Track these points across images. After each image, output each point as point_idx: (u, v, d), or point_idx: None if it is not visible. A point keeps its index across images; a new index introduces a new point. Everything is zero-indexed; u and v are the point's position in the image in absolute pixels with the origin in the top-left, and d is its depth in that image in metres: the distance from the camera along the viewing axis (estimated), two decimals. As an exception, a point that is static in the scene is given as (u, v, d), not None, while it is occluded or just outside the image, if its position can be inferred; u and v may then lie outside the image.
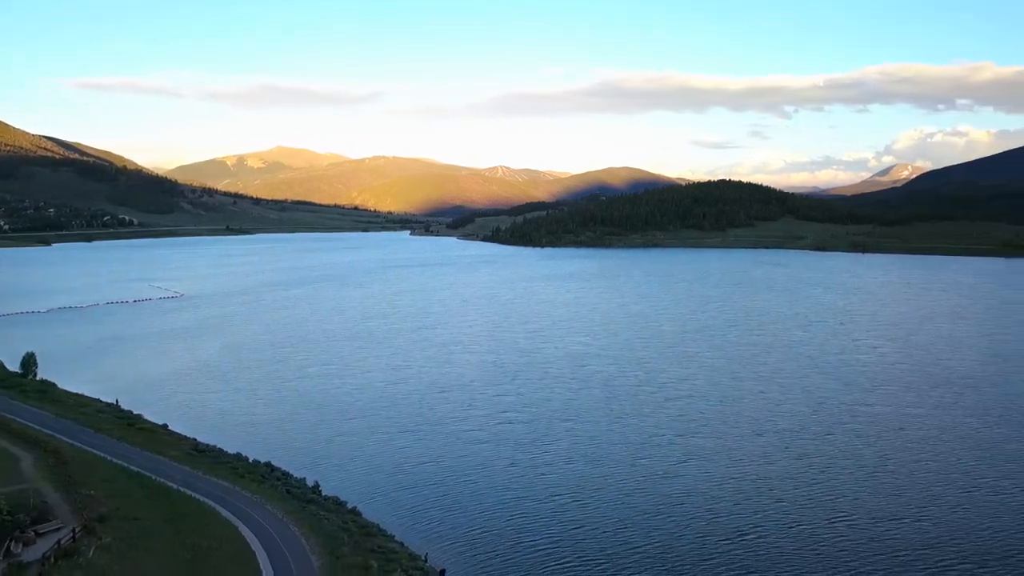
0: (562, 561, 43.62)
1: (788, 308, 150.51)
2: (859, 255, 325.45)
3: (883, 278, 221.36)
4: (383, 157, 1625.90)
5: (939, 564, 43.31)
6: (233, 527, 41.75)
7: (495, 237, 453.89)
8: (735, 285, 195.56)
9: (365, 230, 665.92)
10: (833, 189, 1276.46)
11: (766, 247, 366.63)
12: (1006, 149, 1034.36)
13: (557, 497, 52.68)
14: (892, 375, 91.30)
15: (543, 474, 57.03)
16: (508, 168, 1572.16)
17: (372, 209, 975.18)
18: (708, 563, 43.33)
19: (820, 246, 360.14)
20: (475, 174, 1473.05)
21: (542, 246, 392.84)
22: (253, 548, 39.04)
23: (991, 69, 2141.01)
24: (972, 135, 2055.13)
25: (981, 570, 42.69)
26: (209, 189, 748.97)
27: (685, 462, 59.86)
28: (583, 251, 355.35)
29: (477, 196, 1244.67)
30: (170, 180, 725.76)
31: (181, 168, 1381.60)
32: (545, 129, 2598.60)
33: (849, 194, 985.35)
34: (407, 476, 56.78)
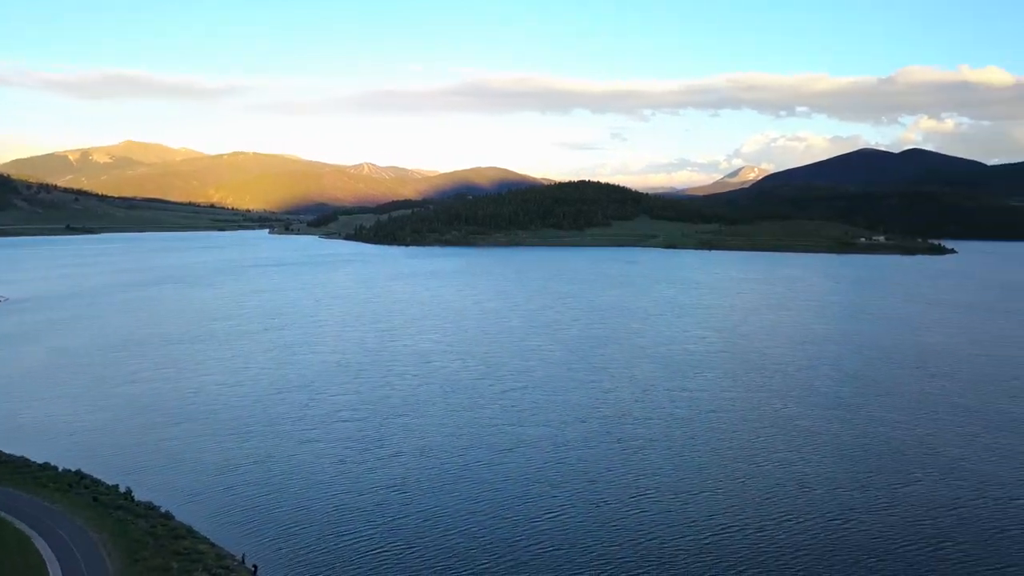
0: (381, 553, 44.69)
1: (632, 303, 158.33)
2: (707, 252, 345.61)
3: (724, 273, 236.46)
4: (243, 153, 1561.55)
5: (725, 529, 47.80)
6: (26, 539, 40.14)
7: (358, 236, 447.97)
8: (586, 282, 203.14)
9: (221, 229, 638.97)
10: (688, 189, 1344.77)
11: (622, 245, 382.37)
12: (839, 153, 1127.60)
13: (382, 491, 53.75)
14: (714, 362, 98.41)
15: (370, 469, 57.92)
16: (374, 166, 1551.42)
17: (231, 207, 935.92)
18: (521, 545, 45.74)
19: (672, 244, 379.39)
20: (340, 171, 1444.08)
21: (407, 245, 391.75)
22: (45, 558, 37.79)
23: (827, 80, 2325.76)
24: (810, 140, 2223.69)
25: (762, 533, 47.46)
26: (47, 185, 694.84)
27: (511, 450, 62.46)
28: (448, 250, 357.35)
29: (342, 194, 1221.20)
30: (2, 175, 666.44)
31: (15, 163, 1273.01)
32: (412, 127, 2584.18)
33: (702, 194, 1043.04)
34: (232, 478, 56.09)
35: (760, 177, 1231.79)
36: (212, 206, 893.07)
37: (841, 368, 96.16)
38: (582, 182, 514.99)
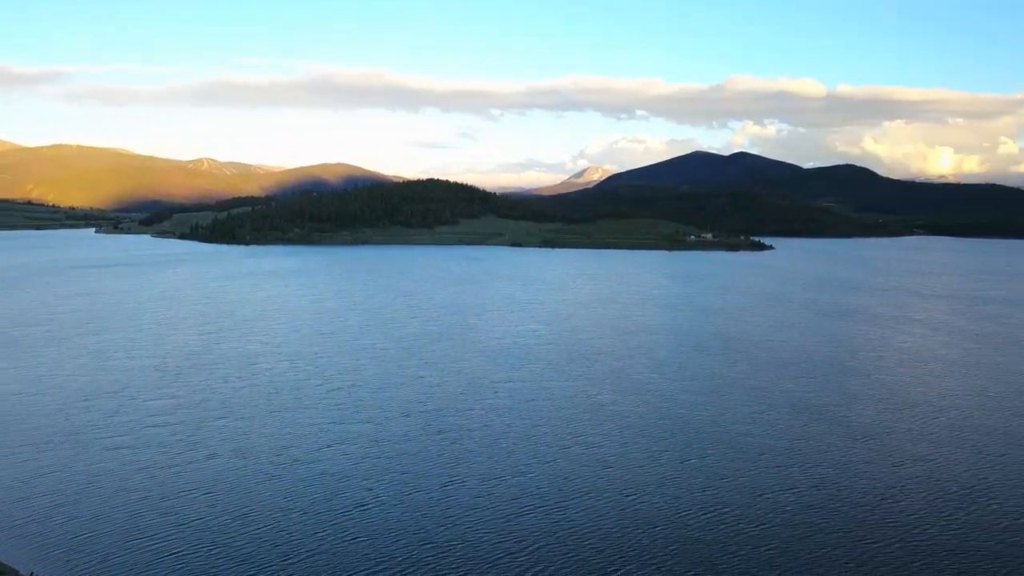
0: (183, 555, 44.19)
1: (471, 299, 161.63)
2: (549, 250, 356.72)
3: (561, 270, 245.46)
4: (65, 145, 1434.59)
5: (528, 508, 50.95)
6: None
7: (194, 234, 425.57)
8: (429, 280, 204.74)
9: (39, 228, 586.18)
10: (536, 189, 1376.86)
11: (469, 243, 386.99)
12: (676, 155, 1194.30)
13: (191, 493, 52.84)
14: (540, 354, 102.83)
15: (179, 473, 56.65)
16: (214, 161, 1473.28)
17: (52, 204, 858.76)
18: (329, 538, 46.68)
19: (517, 242, 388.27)
20: (177, 167, 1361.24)
21: (247, 243, 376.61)
22: None
23: (663, 85, 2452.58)
24: (649, 142, 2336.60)
25: (561, 512, 50.98)
26: None
27: (329, 447, 63.00)
28: (290, 248, 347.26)
29: (181, 191, 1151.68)
30: None
31: None
32: (255, 121, 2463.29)
33: (550, 194, 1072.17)
34: (23, 491, 53.09)
35: (604, 177, 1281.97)
36: (29, 203, 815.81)
37: (655, 356, 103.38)
38: (430, 180, 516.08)
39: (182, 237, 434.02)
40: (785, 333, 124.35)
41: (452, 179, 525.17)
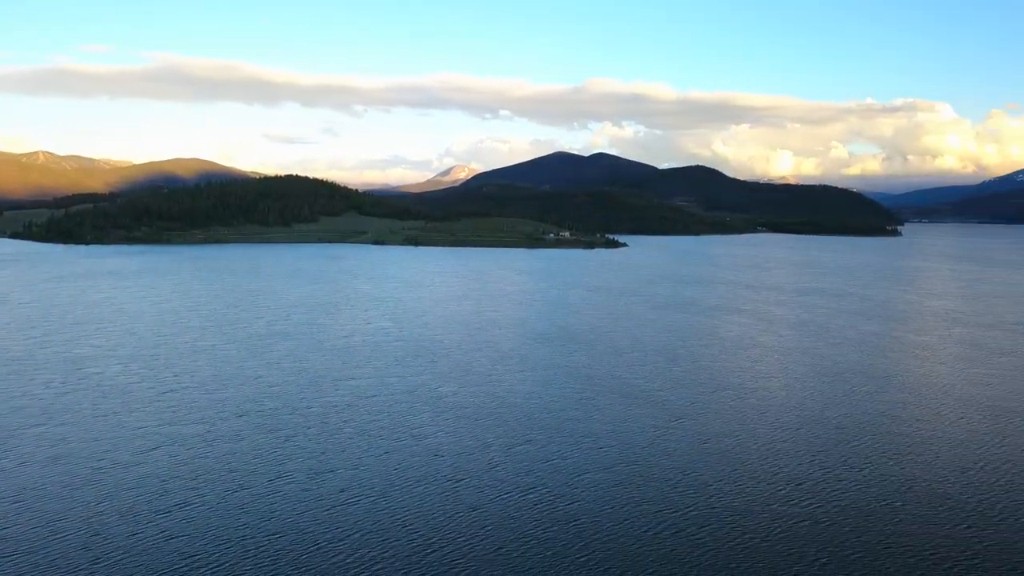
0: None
1: (325, 298, 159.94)
2: (412, 248, 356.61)
3: (421, 268, 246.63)
4: None
5: (355, 498, 52.36)
6: None
7: (28, 233, 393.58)
8: (283, 278, 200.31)
9: None
10: (403, 187, 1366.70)
11: (330, 242, 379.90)
12: (539, 155, 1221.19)
13: (-3, 503, 50.61)
14: (388, 350, 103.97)
15: (-15, 482, 53.98)
16: (52, 154, 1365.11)
17: None
18: (148, 538, 46.17)
19: (380, 240, 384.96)
20: (10, 160, 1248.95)
21: (87, 243, 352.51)
22: None
23: (526, 86, 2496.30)
24: (514, 142, 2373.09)
25: (385, 499, 52.74)
26: None
27: (154, 450, 61.69)
28: (136, 248, 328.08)
29: (14, 186, 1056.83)
30: None
31: None
32: (97, 112, 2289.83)
33: (417, 191, 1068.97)
34: None
35: (470, 176, 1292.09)
36: None
37: (500, 349, 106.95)
38: (289, 176, 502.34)
39: (14, 236, 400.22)
40: (624, 324, 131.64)
41: (315, 176, 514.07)
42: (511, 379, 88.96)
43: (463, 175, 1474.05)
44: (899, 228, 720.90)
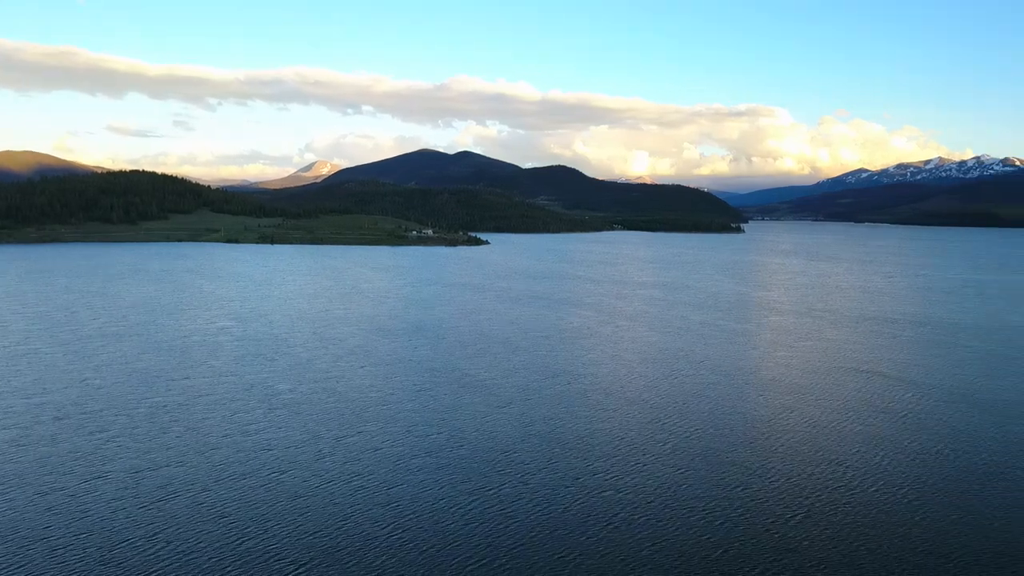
0: None
1: (167, 298, 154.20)
2: (268, 246, 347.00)
3: (274, 266, 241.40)
4: None
5: (172, 494, 52.57)
6: None
7: None
8: (124, 278, 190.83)
9: None
10: (262, 183, 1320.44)
11: (180, 240, 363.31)
12: (404, 152, 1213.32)
13: None
14: (229, 350, 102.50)
15: None
16: None
17: None
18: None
19: (233, 238, 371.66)
20: None
21: None
22: None
23: (389, 82, 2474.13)
24: (378, 138, 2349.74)
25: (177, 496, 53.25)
26: None
27: (-41, 457, 59.01)
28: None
29: None
30: None
31: None
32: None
33: (276, 188, 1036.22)
34: None
35: (333, 172, 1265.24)
36: None
37: (346, 345, 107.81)
38: (135, 171, 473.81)
39: None
40: (473, 318, 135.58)
41: (165, 171, 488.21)
42: (352, 374, 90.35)
43: (326, 171, 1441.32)
44: (743, 226, 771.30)
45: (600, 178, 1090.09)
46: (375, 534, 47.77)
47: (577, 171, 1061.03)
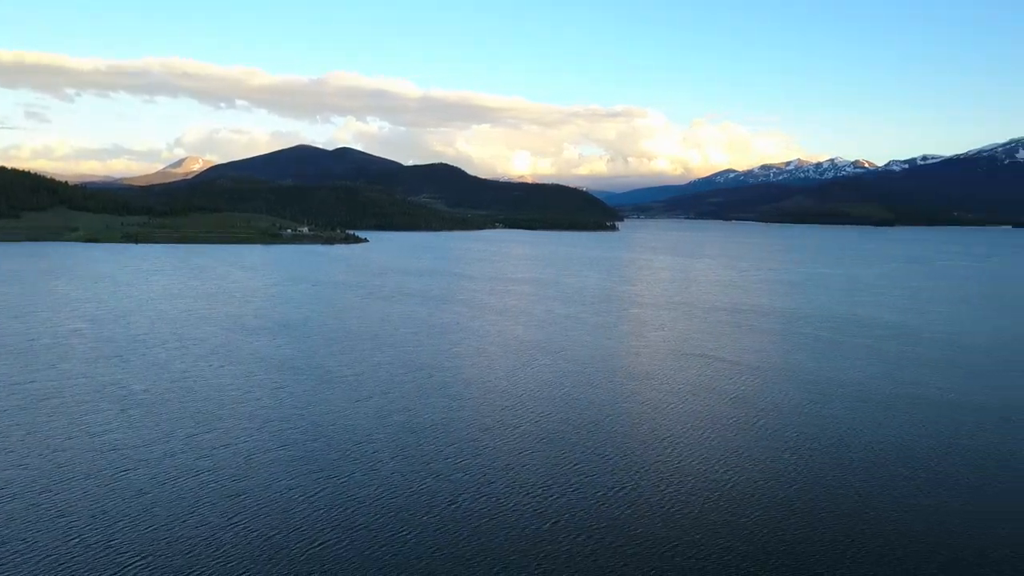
0: None
1: (15, 300, 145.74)
2: (132, 246, 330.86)
3: (136, 266, 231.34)
4: None
5: (5, 497, 51.60)
6: None
7: None
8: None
9: None
10: (128, 179, 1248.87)
11: (35, 240, 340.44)
12: (280, 148, 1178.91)
13: None
14: (80, 353, 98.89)
15: None
16: None
17: None
18: None
19: (93, 238, 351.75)
20: None
21: None
22: None
23: (264, 76, 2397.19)
24: (253, 134, 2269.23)
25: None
26: None
27: None
28: None
29: None
30: None
31: None
32: None
33: (143, 184, 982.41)
34: None
35: (205, 168, 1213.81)
36: None
37: (207, 345, 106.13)
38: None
39: None
40: (342, 316, 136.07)
41: (16, 166, 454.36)
42: (211, 373, 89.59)
43: (197, 167, 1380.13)
44: (618, 224, 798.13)
45: (483, 176, 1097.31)
46: (221, 524, 48.82)
47: (459, 169, 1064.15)
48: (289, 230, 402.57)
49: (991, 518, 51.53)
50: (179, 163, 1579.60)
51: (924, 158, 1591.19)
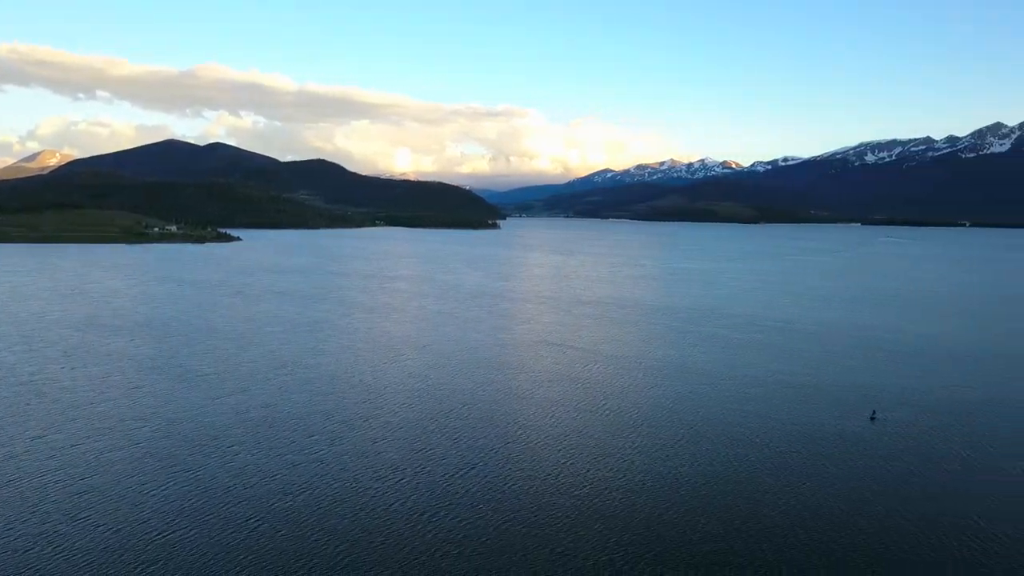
0: None
1: None
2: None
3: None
4: None
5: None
6: None
7: None
8: None
9: None
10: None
11: None
12: (147, 142, 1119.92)
13: None
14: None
15: None
16: None
17: None
18: None
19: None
20: None
21: None
22: None
23: (127, 66, 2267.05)
24: (116, 127, 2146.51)
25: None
26: None
27: None
28: None
29: None
30: None
31: None
32: None
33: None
34: None
35: (64, 162, 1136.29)
36: None
37: (58, 345, 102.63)
38: None
39: None
40: (208, 315, 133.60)
41: None
42: (63, 375, 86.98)
43: (54, 162, 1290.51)
44: (500, 222, 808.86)
45: (363, 173, 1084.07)
46: (63, 521, 48.95)
47: (339, 166, 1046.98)
48: (157, 228, 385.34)
49: (794, 479, 58.78)
50: (33, 157, 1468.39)
51: (785, 159, 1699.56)
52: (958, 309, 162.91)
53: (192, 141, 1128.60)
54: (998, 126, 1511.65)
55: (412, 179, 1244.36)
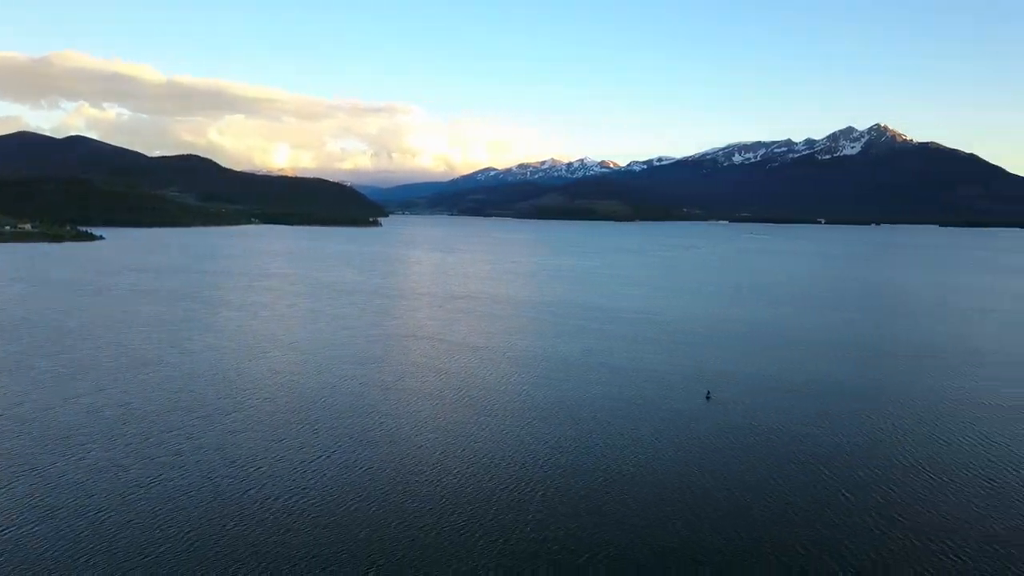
0: None
1: None
2: None
3: None
4: None
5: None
6: None
7: None
8: None
9: None
10: None
11: None
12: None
13: None
14: None
15: None
16: None
17: None
18: None
19: None
20: None
21: None
22: None
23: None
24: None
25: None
26: None
27: None
28: None
29: None
30: None
31: None
32: None
33: None
34: None
35: None
36: None
37: None
38: None
39: None
40: (62, 316, 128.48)
41: None
42: None
43: None
44: (382, 220, 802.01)
45: (238, 169, 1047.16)
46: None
47: (212, 161, 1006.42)
48: (8, 227, 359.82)
49: (634, 455, 64.90)
50: None
51: (660, 159, 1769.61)
52: (798, 298, 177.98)
53: (48, 134, 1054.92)
54: (850, 130, 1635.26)
55: (290, 175, 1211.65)
